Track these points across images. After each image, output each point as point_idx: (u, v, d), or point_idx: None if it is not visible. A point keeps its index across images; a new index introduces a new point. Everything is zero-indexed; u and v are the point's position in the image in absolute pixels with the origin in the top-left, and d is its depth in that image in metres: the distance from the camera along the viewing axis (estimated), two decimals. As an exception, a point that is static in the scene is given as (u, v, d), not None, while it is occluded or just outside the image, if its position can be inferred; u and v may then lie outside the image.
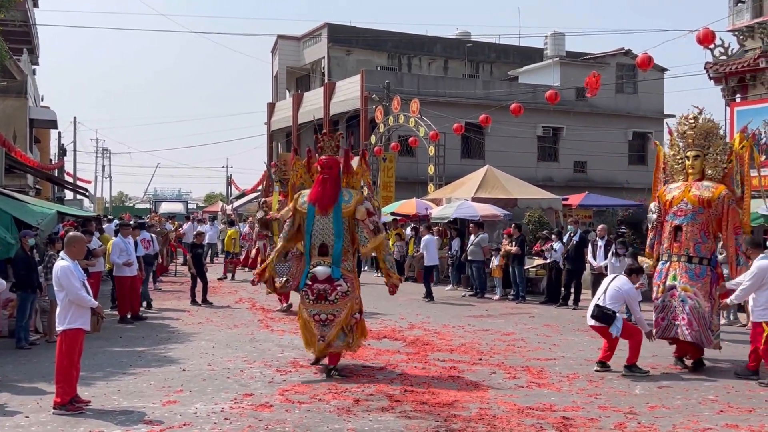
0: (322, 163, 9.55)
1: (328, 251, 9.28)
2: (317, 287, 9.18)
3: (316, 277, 9.18)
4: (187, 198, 72.92)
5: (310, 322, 9.25)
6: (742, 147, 9.95)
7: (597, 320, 9.50)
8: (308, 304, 9.28)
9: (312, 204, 9.41)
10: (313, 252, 9.35)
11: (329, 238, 9.30)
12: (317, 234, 9.35)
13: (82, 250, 8.15)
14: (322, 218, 9.33)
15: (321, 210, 9.33)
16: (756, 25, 24.69)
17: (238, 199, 53.40)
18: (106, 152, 66.88)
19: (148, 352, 10.75)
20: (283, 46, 42.24)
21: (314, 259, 9.33)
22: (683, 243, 9.72)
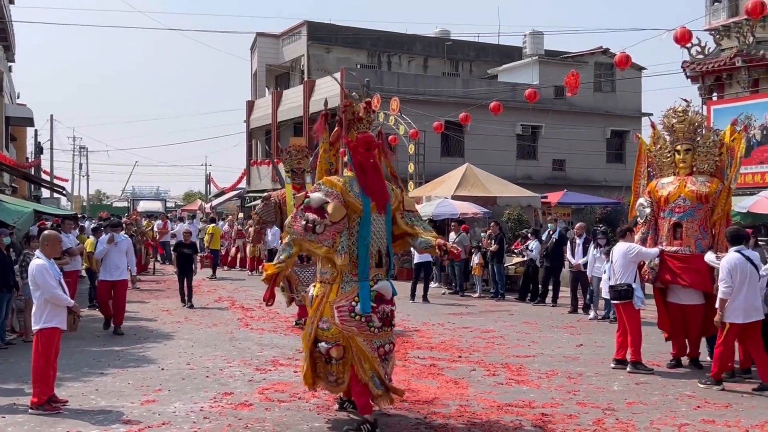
0: (372, 141, 7.17)
1: (382, 261, 7.11)
2: (384, 309, 6.90)
3: (382, 296, 6.95)
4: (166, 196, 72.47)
5: (373, 359, 6.86)
6: (733, 139, 9.97)
7: (618, 299, 9.67)
8: (373, 334, 6.83)
9: (369, 197, 7.03)
10: (371, 260, 7.01)
11: (384, 244, 7.14)
12: (375, 238, 7.05)
13: (56, 248, 8.07)
14: (379, 218, 7.11)
15: (379, 207, 7.09)
16: (732, 25, 24.98)
17: (217, 197, 53.18)
18: (83, 150, 66.27)
19: (126, 352, 10.67)
20: (262, 44, 42.04)
21: (372, 271, 7.00)
22: (684, 240, 9.63)
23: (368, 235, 6.98)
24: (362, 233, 6.98)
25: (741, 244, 8.60)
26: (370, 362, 6.86)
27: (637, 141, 11.00)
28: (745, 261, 8.44)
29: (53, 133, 52.21)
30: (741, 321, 8.41)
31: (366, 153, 7.12)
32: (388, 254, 7.19)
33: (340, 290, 6.93)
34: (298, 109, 35.83)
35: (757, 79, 23.22)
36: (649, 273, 9.77)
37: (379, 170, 7.20)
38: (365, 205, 7.00)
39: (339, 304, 6.84)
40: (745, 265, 8.42)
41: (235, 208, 43.33)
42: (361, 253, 6.95)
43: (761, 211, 15.28)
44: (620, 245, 9.78)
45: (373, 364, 6.86)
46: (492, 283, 17.91)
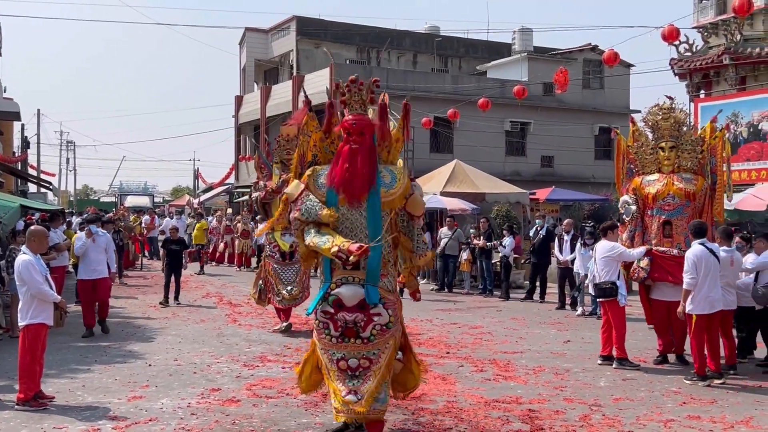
0: (348, 125, 6.38)
1: (359, 262, 6.12)
2: (343, 318, 6.14)
3: (341, 301, 6.14)
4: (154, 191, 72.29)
5: (332, 370, 6.23)
6: (715, 138, 10.04)
7: (603, 297, 9.73)
8: (328, 343, 6.24)
9: (334, 189, 6.28)
10: (335, 263, 6.20)
11: (361, 240, 6.16)
12: (343, 234, 6.22)
13: (43, 243, 8.03)
14: (351, 212, 6.27)
15: (349, 199, 6.24)
16: (720, 22, 25.08)
17: (205, 193, 53.03)
18: (70, 145, 65.88)
19: (113, 348, 10.63)
20: (251, 39, 41.93)
21: (337, 273, 6.23)
22: (674, 238, 9.67)
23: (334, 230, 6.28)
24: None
25: (704, 237, 8.80)
26: (326, 372, 6.31)
27: (615, 137, 11.01)
28: (709, 253, 8.63)
29: (40, 128, 51.92)
30: (707, 312, 8.57)
31: (347, 137, 6.36)
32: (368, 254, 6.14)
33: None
34: (287, 104, 35.76)
35: (744, 77, 23.35)
36: (639, 272, 9.79)
37: (360, 156, 6.25)
38: (329, 197, 6.27)
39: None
40: (709, 257, 8.60)
41: (224, 204, 43.26)
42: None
43: (748, 208, 15.39)
44: (603, 243, 9.80)
45: (330, 374, 6.24)
46: (480, 279, 17.94)
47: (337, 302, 6.15)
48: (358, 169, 6.23)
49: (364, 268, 6.19)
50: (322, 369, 6.42)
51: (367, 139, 6.38)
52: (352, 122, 6.38)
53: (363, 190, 6.23)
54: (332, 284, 6.24)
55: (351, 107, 6.52)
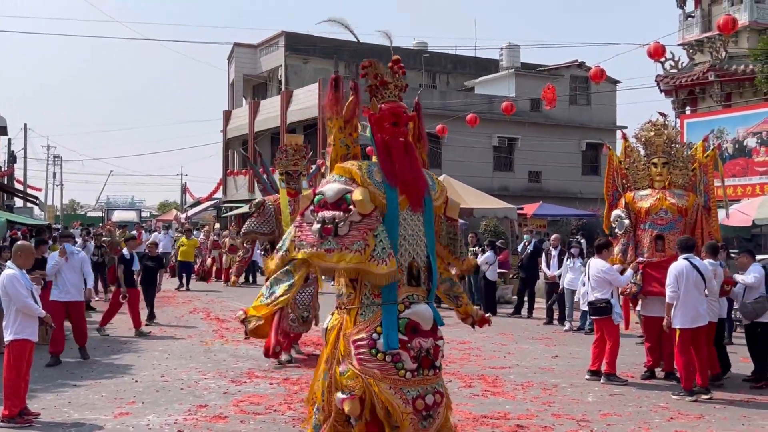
0: (401, 113, 5.34)
1: (419, 277, 5.24)
2: (421, 345, 5.06)
3: (417, 325, 5.08)
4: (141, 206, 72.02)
5: (405, 413, 4.93)
6: (706, 156, 10.16)
7: (595, 315, 9.75)
8: (401, 381, 4.96)
9: (397, 189, 5.18)
10: (401, 276, 5.13)
11: (422, 253, 5.28)
12: (407, 245, 5.21)
13: (29, 259, 7.98)
14: (413, 216, 5.26)
15: (414, 200, 5.24)
16: (705, 40, 25.37)
17: (192, 207, 52.89)
18: (57, 159, 65.62)
19: (99, 363, 10.56)
20: (239, 54, 42.01)
21: (403, 290, 5.14)
22: (667, 252, 9.71)
23: (394, 240, 5.08)
24: (389, 237, 5.08)
25: (691, 253, 8.88)
26: (400, 420, 4.93)
27: (608, 152, 11.10)
28: (692, 268, 8.70)
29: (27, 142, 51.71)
30: (689, 326, 8.62)
31: (394, 129, 5.29)
32: (428, 267, 5.29)
33: (359, 317, 5.11)
34: (275, 119, 35.81)
35: (729, 94, 23.60)
36: (632, 287, 9.83)
37: (413, 152, 5.37)
38: (390, 198, 5.12)
39: (356, 336, 5.05)
40: (692, 272, 8.68)
41: (212, 218, 43.14)
42: None
43: (733, 223, 15.49)
44: (597, 262, 9.82)
45: (403, 422, 4.92)
46: (469, 295, 17.91)
47: (412, 326, 5.06)
48: (418, 165, 5.35)
49: (425, 284, 5.26)
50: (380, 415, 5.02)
51: (414, 133, 5.65)
52: (403, 110, 5.34)
53: (422, 189, 5.30)
54: (399, 305, 5.08)
55: (390, 94, 5.43)
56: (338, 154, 5.66)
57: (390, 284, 5.03)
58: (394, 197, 5.14)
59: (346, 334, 5.14)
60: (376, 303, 5.09)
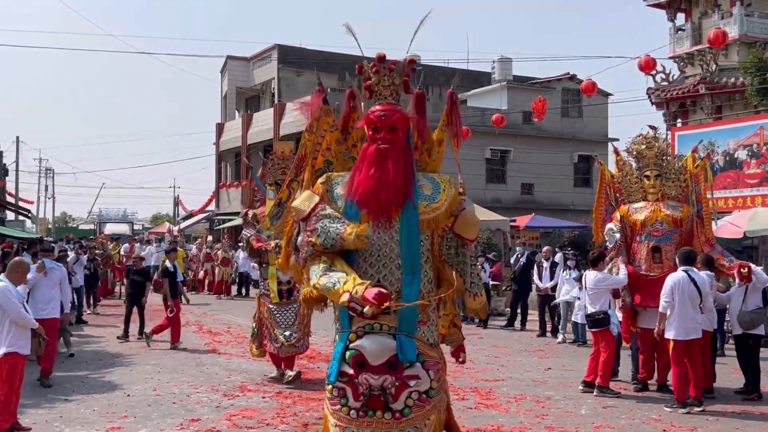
0: (375, 118, 4.85)
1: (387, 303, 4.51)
2: (366, 382, 4.57)
3: (364, 358, 4.58)
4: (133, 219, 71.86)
5: None
6: (697, 167, 10.24)
7: (593, 327, 9.74)
8: (345, 418, 4.65)
9: (356, 204, 4.72)
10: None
11: (392, 273, 4.71)
12: (367, 267, 4.73)
13: (23, 277, 7.95)
14: (378, 234, 4.71)
15: (376, 216, 4.69)
16: (696, 53, 25.54)
17: (185, 220, 52.80)
18: (49, 172, 65.41)
19: (91, 377, 10.51)
20: (232, 67, 42.07)
21: (358, 319, 4.62)
22: (664, 263, 9.73)
23: (352, 260, 4.70)
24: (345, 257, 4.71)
25: (691, 265, 8.89)
26: None
27: (599, 167, 11.16)
28: (689, 281, 8.72)
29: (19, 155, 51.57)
30: (683, 338, 8.65)
31: (373, 135, 4.79)
32: (399, 291, 4.64)
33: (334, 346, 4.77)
34: (268, 131, 35.83)
35: (720, 106, 23.74)
36: (625, 297, 9.84)
37: (391, 158, 4.69)
38: (347, 214, 4.71)
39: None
40: (688, 285, 8.71)
41: (204, 231, 43.07)
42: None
43: (725, 235, 15.54)
44: (593, 274, 9.83)
45: None
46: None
47: (358, 359, 4.53)
48: (389, 176, 4.65)
49: (396, 312, 4.56)
50: None
51: (401, 137, 4.83)
52: (381, 114, 4.79)
53: (395, 203, 4.63)
54: (351, 334, 4.62)
55: (379, 96, 4.95)
56: (343, 167, 5.13)
57: (343, 311, 4.61)
58: (350, 212, 4.70)
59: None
60: (338, 330, 4.77)
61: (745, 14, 24.76)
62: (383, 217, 4.67)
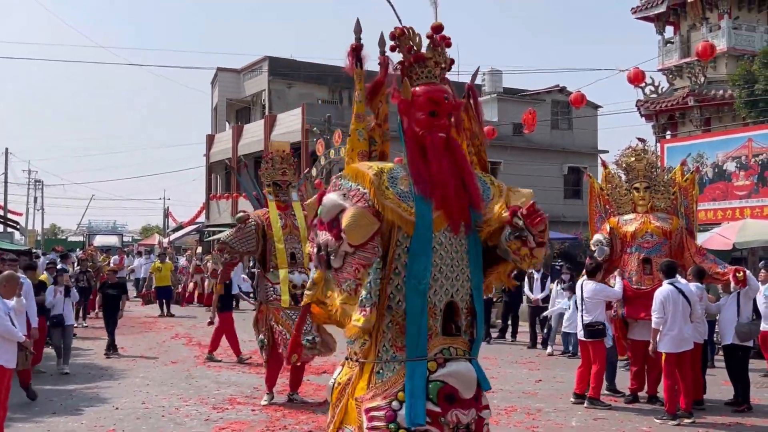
0: (439, 99, 4.06)
1: (460, 323, 3.99)
2: (456, 418, 3.82)
3: (456, 391, 3.83)
4: (123, 230, 71.54)
5: None
6: (686, 180, 10.32)
7: (590, 337, 9.67)
8: None
9: (431, 202, 3.91)
10: (433, 323, 3.90)
11: (464, 290, 4.00)
12: (443, 279, 3.93)
13: (13, 291, 7.86)
14: (453, 240, 3.97)
15: (455, 218, 3.95)
16: (684, 65, 25.69)
17: (175, 232, 52.62)
18: (38, 184, 65.15)
19: (78, 391, 10.42)
20: (222, 78, 42.08)
21: (436, 341, 3.89)
22: (655, 275, 9.72)
23: (426, 272, 3.80)
24: (413, 267, 3.81)
25: (674, 277, 8.92)
26: None
27: (588, 180, 11.20)
28: (678, 293, 8.76)
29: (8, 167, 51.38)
30: (675, 350, 8.67)
31: (430, 120, 3.99)
32: (471, 310, 3.99)
33: (375, 377, 3.88)
34: (259, 143, 35.80)
35: (708, 118, 23.90)
36: (617, 310, 9.86)
37: (458, 151, 4.06)
38: (421, 214, 3.82)
39: (370, 404, 3.77)
40: (678, 297, 8.73)
41: (194, 243, 42.93)
42: (411, 307, 3.79)
43: (714, 247, 15.59)
44: (590, 284, 9.81)
45: None
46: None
47: (448, 393, 3.77)
48: (464, 168, 4.00)
49: (468, 332, 3.96)
50: None
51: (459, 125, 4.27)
52: (445, 96, 4.01)
53: (475, 205, 3.99)
54: (431, 361, 3.80)
55: (427, 74, 4.09)
56: (355, 149, 4.29)
57: (418, 331, 3.77)
58: (426, 213, 3.83)
59: (357, 399, 3.87)
60: (399, 358, 3.80)
61: (732, 27, 24.95)
62: (463, 217, 3.94)
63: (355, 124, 4.35)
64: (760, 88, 21.63)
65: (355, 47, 4.22)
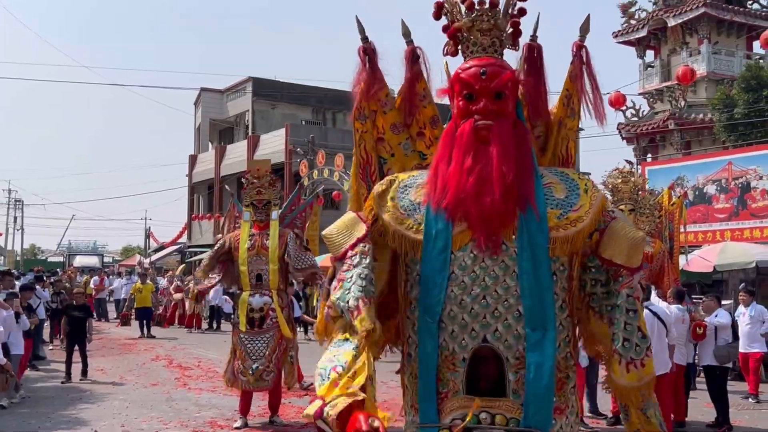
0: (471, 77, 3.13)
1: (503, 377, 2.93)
2: None
3: None
4: (103, 251, 71.03)
5: None
6: (673, 204, 10.39)
7: None
8: None
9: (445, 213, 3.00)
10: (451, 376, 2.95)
11: (509, 329, 2.91)
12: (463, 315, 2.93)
13: None
14: (484, 262, 2.94)
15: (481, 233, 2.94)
16: (665, 89, 26.00)
17: (156, 252, 52.28)
18: (18, 203, 64.59)
19: (57, 414, 10.26)
20: (206, 99, 42.08)
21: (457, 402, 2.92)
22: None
23: (437, 304, 2.94)
24: (425, 301, 2.99)
25: (648, 300, 8.92)
26: None
27: None
28: (652, 316, 8.72)
29: (-13, 186, 50.91)
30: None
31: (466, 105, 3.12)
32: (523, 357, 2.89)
33: None
34: (241, 163, 35.73)
35: (688, 141, 24.17)
36: None
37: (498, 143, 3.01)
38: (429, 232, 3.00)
39: None
40: (652, 320, 8.68)
41: (176, 263, 42.67)
42: (421, 354, 3.01)
43: (695, 269, 15.70)
44: None
45: None
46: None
47: None
48: (495, 171, 2.95)
49: (518, 391, 2.89)
50: None
51: (510, 109, 3.13)
52: (480, 70, 3.09)
53: (507, 213, 2.94)
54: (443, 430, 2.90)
55: (473, 46, 3.23)
56: (405, 166, 3.49)
57: (426, 387, 2.92)
58: (437, 227, 2.98)
59: None
60: (416, 423, 3.01)
61: (712, 52, 25.32)
62: (492, 234, 2.93)
63: (394, 138, 3.52)
64: (740, 112, 21.93)
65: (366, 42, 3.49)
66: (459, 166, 3.00)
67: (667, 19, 25.67)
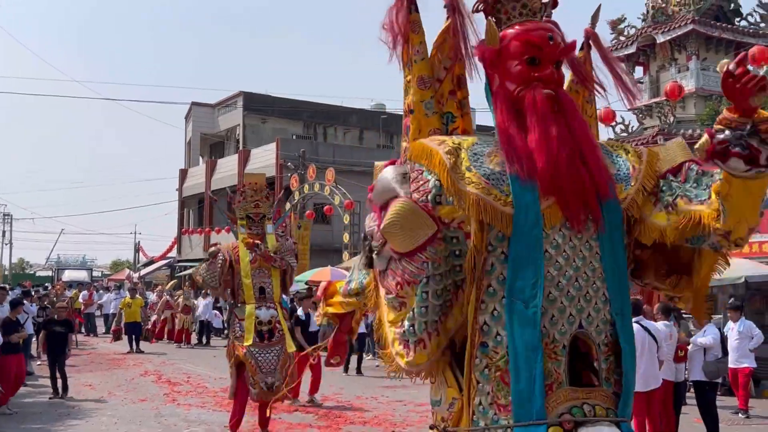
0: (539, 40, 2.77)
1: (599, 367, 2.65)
2: None
3: None
4: (92, 265, 70.73)
5: None
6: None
7: None
8: None
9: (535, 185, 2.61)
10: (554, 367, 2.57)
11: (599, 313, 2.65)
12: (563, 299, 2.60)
13: None
14: (574, 241, 2.63)
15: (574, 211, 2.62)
16: (654, 105, 26.18)
17: (146, 266, 52.09)
18: (7, 217, 64.23)
19: (45, 430, 10.18)
20: (197, 113, 42.12)
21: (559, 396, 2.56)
22: None
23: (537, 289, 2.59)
24: (516, 284, 2.61)
25: (639, 315, 8.90)
26: None
27: None
28: (644, 331, 8.73)
29: (-24, 199, 50.68)
30: (642, 390, 8.65)
31: (528, 70, 2.78)
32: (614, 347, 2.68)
33: None
34: (232, 177, 35.75)
35: (677, 157, 24.25)
36: None
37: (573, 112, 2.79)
38: (521, 204, 2.62)
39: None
40: (644, 336, 8.70)
41: (165, 278, 42.51)
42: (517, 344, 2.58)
43: (685, 284, 15.74)
44: None
45: None
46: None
47: None
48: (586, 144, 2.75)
49: (610, 379, 2.68)
50: None
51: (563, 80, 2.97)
52: (547, 34, 2.80)
53: (604, 191, 2.68)
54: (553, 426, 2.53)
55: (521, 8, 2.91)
56: (422, 129, 3.22)
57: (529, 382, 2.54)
58: (529, 201, 2.63)
59: None
60: (502, 423, 2.62)
61: (701, 68, 25.51)
62: (587, 212, 2.66)
63: (418, 93, 3.18)
64: (728, 128, 22.04)
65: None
66: (544, 135, 2.66)
67: (655, 35, 25.88)
